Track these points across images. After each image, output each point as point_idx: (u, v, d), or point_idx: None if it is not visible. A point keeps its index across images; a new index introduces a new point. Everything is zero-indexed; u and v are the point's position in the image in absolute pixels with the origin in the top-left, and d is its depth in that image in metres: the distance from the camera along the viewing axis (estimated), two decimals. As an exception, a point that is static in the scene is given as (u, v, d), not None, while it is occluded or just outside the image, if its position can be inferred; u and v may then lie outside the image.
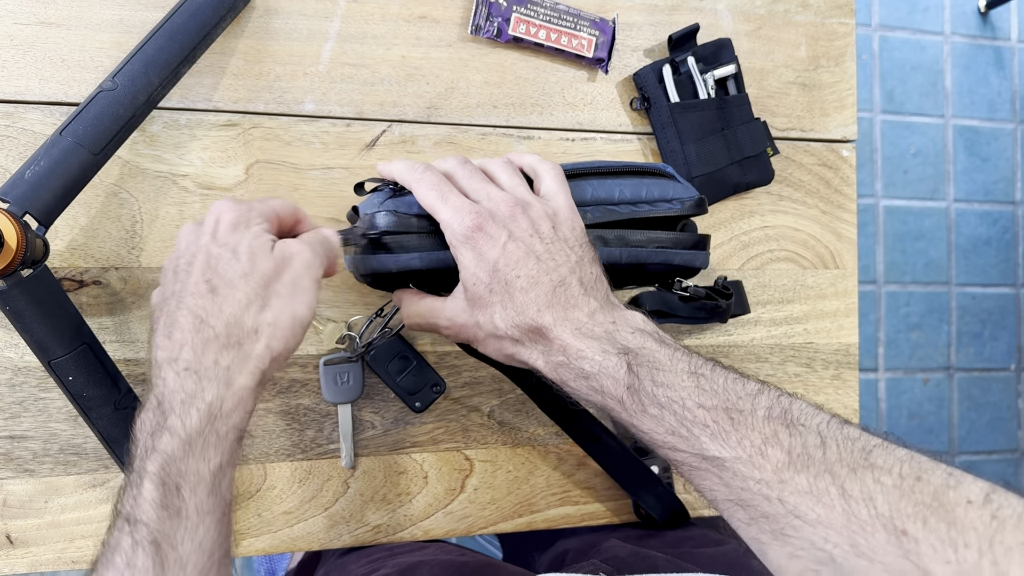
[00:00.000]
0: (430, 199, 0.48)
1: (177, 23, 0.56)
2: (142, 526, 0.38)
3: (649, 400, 0.42)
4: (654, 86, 0.69)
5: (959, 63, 1.90)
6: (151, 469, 0.39)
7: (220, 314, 0.42)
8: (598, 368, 0.44)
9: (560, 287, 0.46)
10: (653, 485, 0.67)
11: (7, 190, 0.49)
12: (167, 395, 0.41)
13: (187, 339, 0.41)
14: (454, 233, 0.47)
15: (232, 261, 0.43)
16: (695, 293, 0.65)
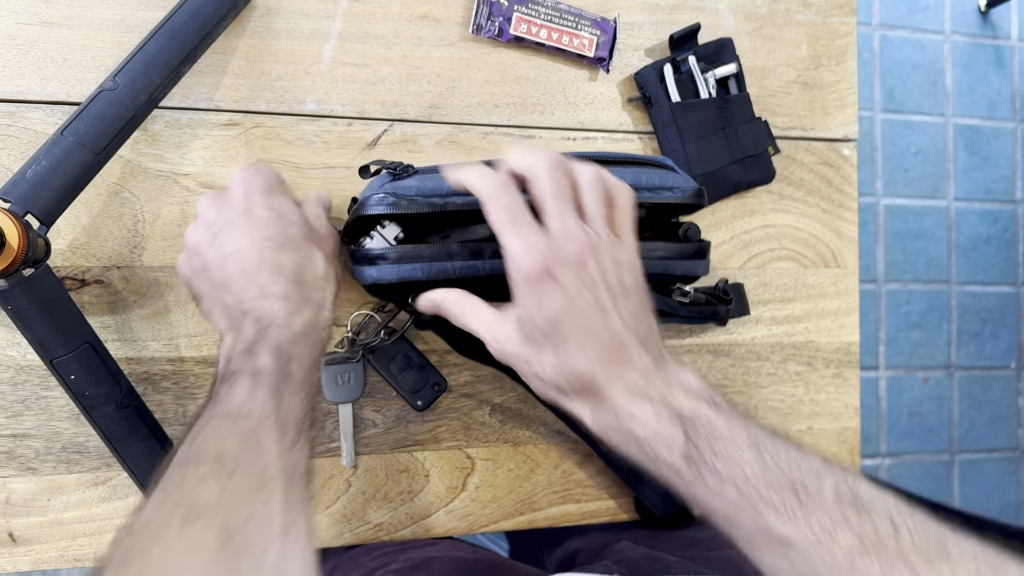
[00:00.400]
0: (500, 223, 0.45)
1: (178, 22, 0.56)
2: (263, 373, 0.43)
3: (708, 471, 0.40)
4: (655, 85, 0.69)
5: (959, 62, 1.90)
6: (267, 345, 0.44)
7: (297, 264, 0.48)
8: (652, 434, 0.42)
9: (617, 343, 0.44)
10: (655, 482, 0.67)
11: (9, 190, 0.49)
12: (266, 315, 0.46)
13: (273, 280, 0.47)
14: (519, 269, 0.44)
15: (289, 224, 0.50)
16: (695, 299, 0.65)
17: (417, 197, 0.51)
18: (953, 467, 1.82)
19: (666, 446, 0.42)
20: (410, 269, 0.52)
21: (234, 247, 0.48)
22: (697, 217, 0.72)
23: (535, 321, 0.44)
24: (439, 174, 0.53)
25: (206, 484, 0.36)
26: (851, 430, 0.77)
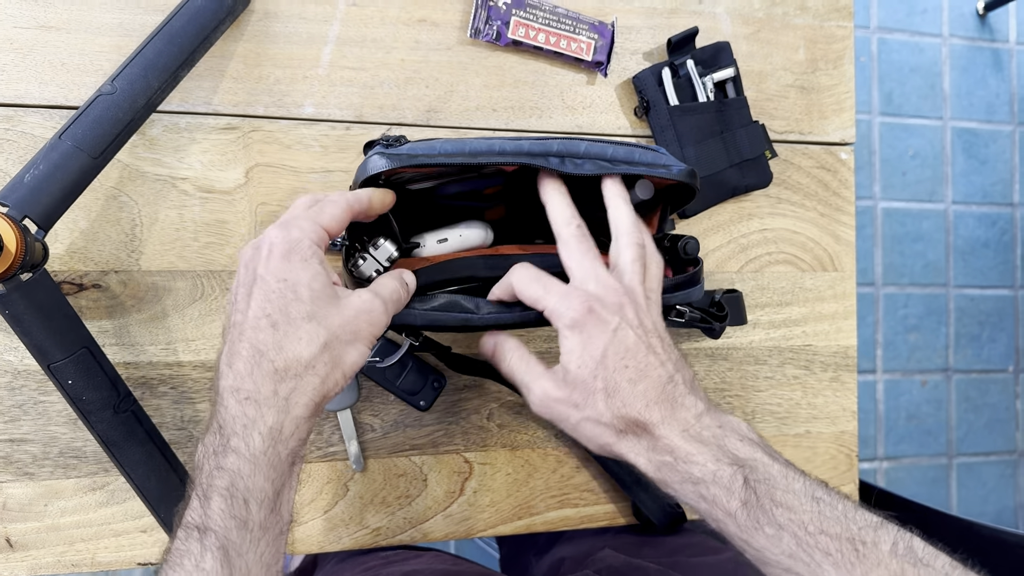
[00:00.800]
0: (532, 292, 0.48)
1: (176, 27, 0.56)
2: (211, 533, 0.39)
3: (766, 519, 0.41)
4: (653, 89, 0.69)
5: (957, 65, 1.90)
6: (220, 484, 0.41)
7: (280, 351, 0.43)
8: (710, 476, 0.43)
9: (669, 383, 0.45)
10: (651, 486, 0.67)
11: (6, 194, 0.49)
12: (228, 420, 0.42)
13: (248, 370, 0.42)
14: (562, 319, 0.46)
15: (293, 300, 0.43)
16: (690, 318, 0.65)
17: (404, 155, 0.51)
18: (951, 470, 1.82)
19: (725, 489, 0.42)
20: (406, 314, 0.52)
21: (238, 316, 0.44)
22: (694, 221, 0.72)
23: (584, 362, 0.45)
24: (432, 141, 0.53)
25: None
26: (849, 433, 0.77)
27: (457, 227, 0.59)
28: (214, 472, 0.41)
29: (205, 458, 0.42)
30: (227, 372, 0.43)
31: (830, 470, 0.76)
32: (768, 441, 0.46)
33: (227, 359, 0.44)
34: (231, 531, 0.40)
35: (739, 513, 0.42)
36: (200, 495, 0.41)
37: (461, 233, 0.59)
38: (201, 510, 0.41)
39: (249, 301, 0.44)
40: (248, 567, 0.40)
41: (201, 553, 0.39)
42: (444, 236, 0.59)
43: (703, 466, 0.43)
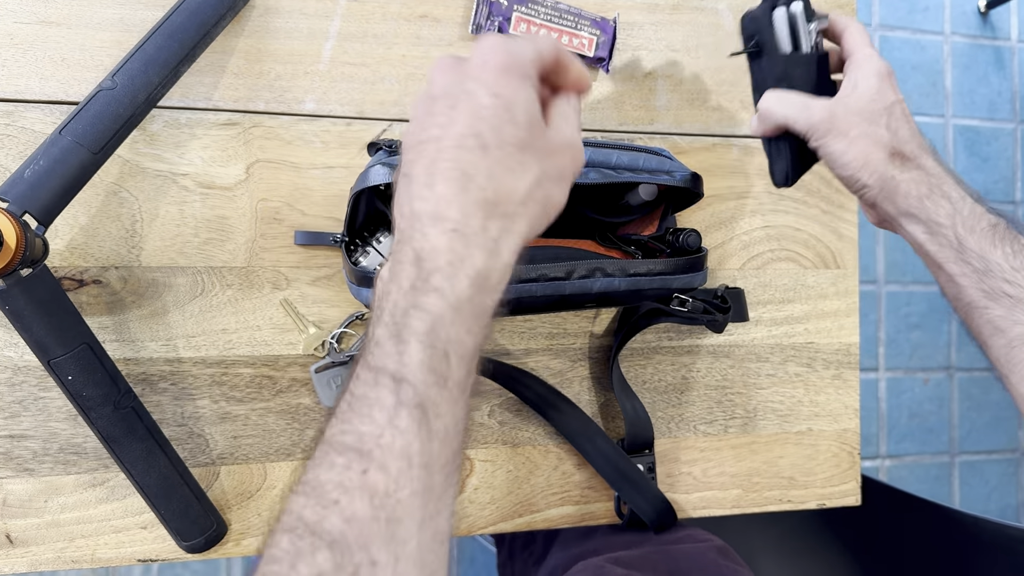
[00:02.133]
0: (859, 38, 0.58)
1: (177, 22, 0.56)
2: (408, 386, 0.33)
3: (1012, 239, 0.49)
4: (767, 30, 0.58)
5: (959, 63, 1.90)
6: (418, 327, 0.34)
7: (492, 177, 0.37)
8: (968, 203, 0.51)
9: (927, 143, 0.55)
10: (642, 484, 0.67)
11: (6, 189, 0.49)
12: (429, 252, 0.36)
13: (454, 196, 0.36)
14: (874, 62, 0.56)
15: (508, 122, 0.38)
16: (693, 308, 0.65)
17: None
18: (953, 468, 1.82)
19: (979, 215, 0.51)
20: None
21: (436, 131, 0.38)
22: (695, 219, 0.72)
23: (877, 100, 0.54)
24: None
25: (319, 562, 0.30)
26: (851, 431, 0.77)
27: None
28: (411, 311, 0.35)
29: (397, 289, 0.36)
30: (425, 193, 0.37)
31: (832, 468, 0.76)
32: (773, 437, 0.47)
33: (425, 179, 0.37)
34: (430, 387, 0.34)
35: (985, 230, 0.50)
36: (392, 334, 0.35)
37: None
38: (396, 354, 0.34)
39: (452, 115, 0.38)
40: (443, 430, 0.34)
41: (396, 408, 0.33)
42: None
43: (961, 193, 0.52)
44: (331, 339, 0.63)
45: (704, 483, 0.73)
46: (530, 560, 0.81)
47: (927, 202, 0.52)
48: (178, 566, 1.35)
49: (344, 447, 0.32)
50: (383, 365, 0.34)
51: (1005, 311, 0.48)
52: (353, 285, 0.54)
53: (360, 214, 0.56)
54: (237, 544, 0.62)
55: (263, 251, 0.63)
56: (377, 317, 0.36)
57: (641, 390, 0.71)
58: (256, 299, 0.62)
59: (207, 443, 0.62)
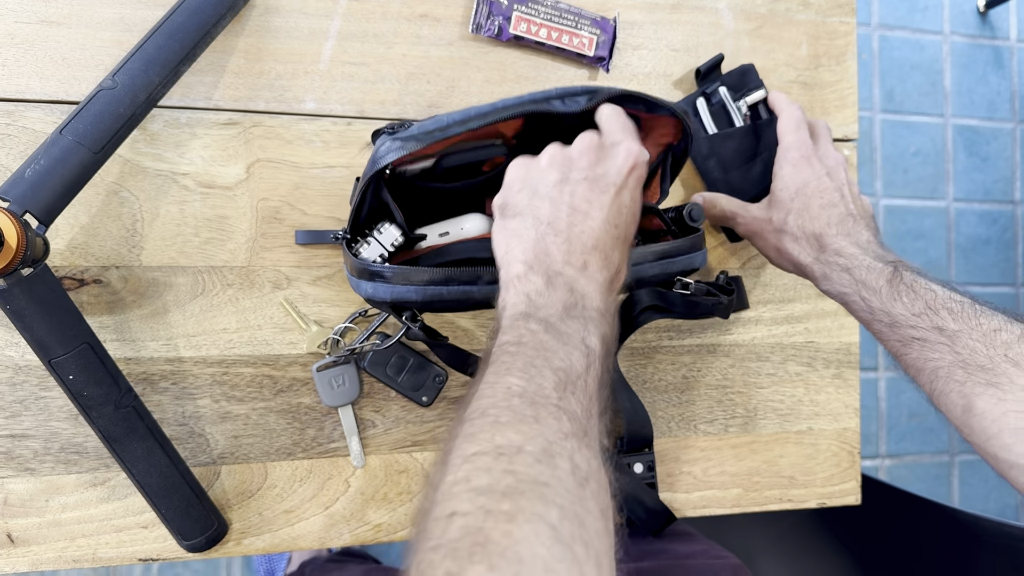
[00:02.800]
0: (790, 113, 0.66)
1: (177, 21, 0.56)
2: (595, 358, 0.43)
3: (906, 290, 0.54)
4: (694, 118, 0.71)
5: (958, 62, 1.90)
6: (594, 331, 0.44)
7: (614, 265, 0.49)
8: (865, 266, 0.57)
9: (849, 218, 0.60)
10: (637, 487, 0.67)
11: (7, 189, 0.49)
12: (584, 294, 0.46)
13: (599, 268, 0.47)
14: (790, 149, 0.64)
15: (631, 223, 0.51)
16: (696, 290, 0.64)
17: (419, 134, 0.51)
18: (953, 468, 1.82)
19: (876, 273, 0.56)
20: (405, 291, 0.51)
21: (594, 214, 0.48)
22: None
23: (787, 185, 0.62)
24: (437, 115, 0.53)
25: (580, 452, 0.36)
26: (851, 431, 0.77)
27: (458, 220, 0.59)
28: (578, 311, 0.45)
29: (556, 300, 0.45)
30: (577, 257, 0.47)
31: (832, 467, 0.76)
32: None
33: (579, 250, 0.47)
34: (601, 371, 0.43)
35: (884, 288, 0.55)
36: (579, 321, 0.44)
37: (463, 226, 0.59)
38: (584, 333, 0.43)
39: (603, 198, 0.48)
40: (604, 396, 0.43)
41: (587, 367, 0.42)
42: (446, 229, 0.59)
43: (860, 260, 0.57)
44: (335, 336, 0.63)
45: (704, 482, 0.73)
46: None
47: (832, 275, 0.59)
48: (179, 565, 1.35)
49: (552, 367, 0.40)
50: (573, 334, 0.43)
51: (917, 353, 0.53)
52: (353, 278, 0.54)
53: (366, 205, 0.56)
54: (238, 543, 0.62)
55: (264, 250, 0.63)
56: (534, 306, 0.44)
57: (641, 389, 0.71)
58: (257, 298, 0.62)
59: (208, 442, 0.62)
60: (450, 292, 0.51)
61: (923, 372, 0.53)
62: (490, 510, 0.30)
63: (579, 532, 0.31)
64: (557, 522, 0.30)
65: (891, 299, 0.55)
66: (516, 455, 0.33)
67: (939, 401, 0.52)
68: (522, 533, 0.29)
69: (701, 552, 0.69)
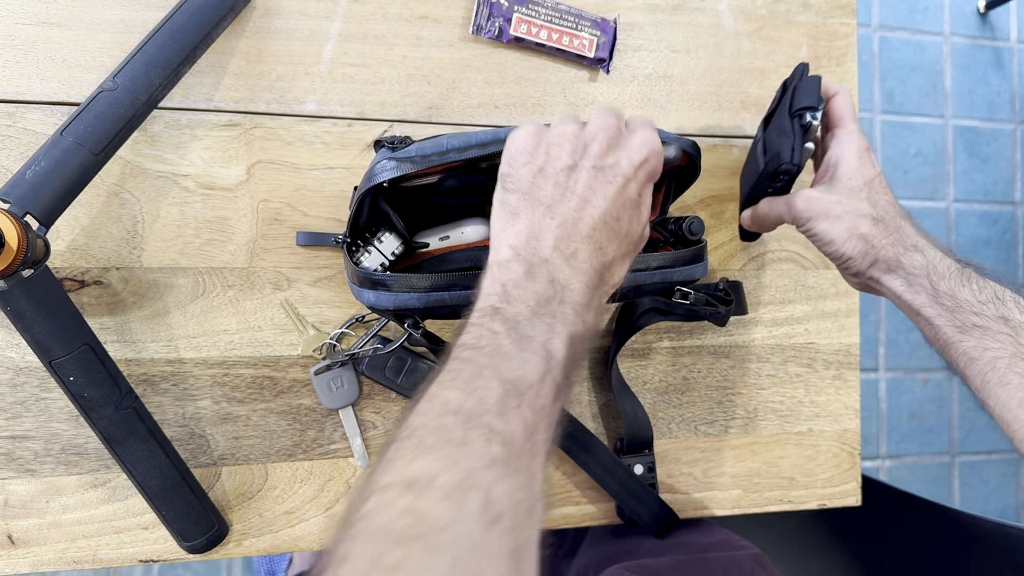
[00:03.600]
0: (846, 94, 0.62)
1: (178, 23, 0.56)
2: (556, 363, 0.40)
3: (976, 278, 0.54)
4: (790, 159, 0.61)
5: (959, 63, 1.90)
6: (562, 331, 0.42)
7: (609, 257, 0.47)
8: (940, 250, 0.56)
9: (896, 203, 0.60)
10: (637, 489, 0.67)
11: (8, 190, 0.49)
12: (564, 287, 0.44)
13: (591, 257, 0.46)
14: (854, 136, 0.61)
15: (638, 222, 0.49)
16: (696, 300, 0.65)
17: (416, 156, 0.51)
18: (953, 469, 1.82)
19: (948, 261, 0.56)
20: (407, 298, 0.51)
21: (596, 203, 0.46)
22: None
23: (856, 177, 0.59)
24: (438, 138, 0.53)
25: (495, 470, 0.34)
26: (851, 432, 0.77)
27: (459, 225, 0.59)
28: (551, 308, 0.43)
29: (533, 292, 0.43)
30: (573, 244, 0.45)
31: (832, 468, 0.76)
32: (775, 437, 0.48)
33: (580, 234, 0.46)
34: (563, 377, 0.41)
35: (953, 273, 0.55)
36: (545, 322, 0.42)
37: (463, 231, 0.59)
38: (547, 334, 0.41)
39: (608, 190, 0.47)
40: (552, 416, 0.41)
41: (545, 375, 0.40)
42: (446, 234, 0.59)
43: (934, 246, 0.57)
44: (331, 340, 0.63)
45: (705, 483, 0.73)
46: (560, 552, 0.81)
47: (903, 258, 0.56)
48: (179, 567, 1.35)
49: (502, 377, 0.38)
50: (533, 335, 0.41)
51: (976, 341, 0.52)
52: (355, 286, 0.54)
53: (363, 213, 0.56)
54: (238, 544, 0.62)
55: (264, 252, 0.63)
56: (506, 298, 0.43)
57: (642, 390, 0.71)
58: (257, 300, 0.62)
59: (208, 444, 0.62)
60: (452, 297, 0.51)
61: (977, 362, 0.52)
62: (376, 560, 0.29)
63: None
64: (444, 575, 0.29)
65: (959, 284, 0.54)
66: (425, 490, 0.31)
67: (989, 393, 0.51)
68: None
69: (720, 543, 0.69)
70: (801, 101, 0.58)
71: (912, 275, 0.56)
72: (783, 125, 0.59)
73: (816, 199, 0.59)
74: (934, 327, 0.56)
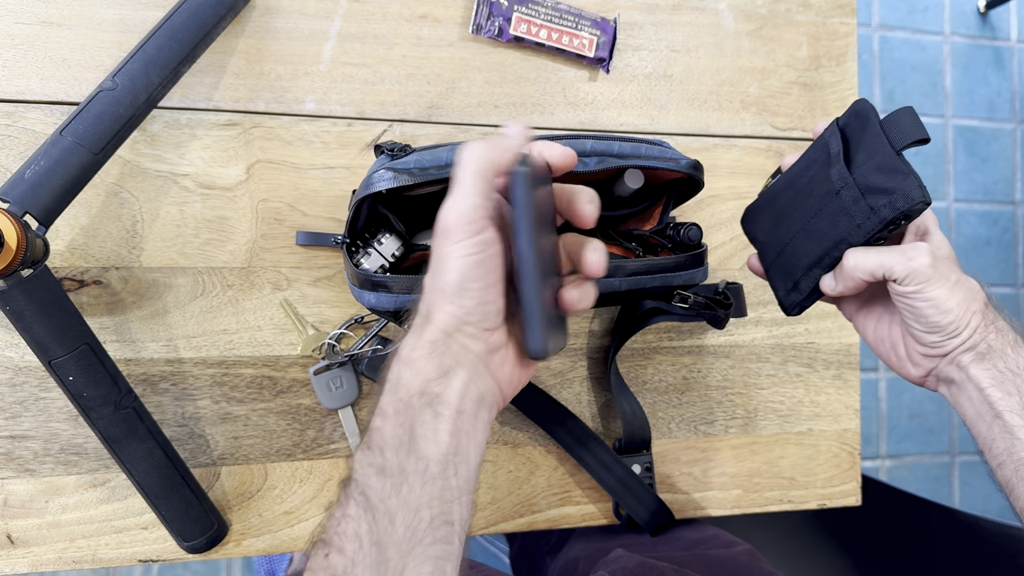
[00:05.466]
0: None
1: (177, 22, 0.56)
2: (353, 481, 0.39)
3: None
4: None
5: (959, 63, 1.90)
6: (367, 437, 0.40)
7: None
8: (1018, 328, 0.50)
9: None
10: (636, 487, 0.67)
11: (7, 190, 0.49)
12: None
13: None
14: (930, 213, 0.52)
15: None
16: (695, 304, 0.65)
17: (414, 169, 0.51)
18: (953, 468, 1.82)
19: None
20: (408, 299, 0.51)
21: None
22: (697, 218, 0.72)
23: (946, 254, 0.51)
24: (438, 149, 0.53)
25: None
26: (851, 431, 0.77)
27: None
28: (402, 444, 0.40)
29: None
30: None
31: (832, 468, 0.76)
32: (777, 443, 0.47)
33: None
34: (370, 478, 0.39)
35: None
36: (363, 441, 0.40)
37: None
38: (351, 458, 0.40)
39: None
40: (391, 513, 0.38)
41: (345, 500, 0.39)
42: None
43: (1014, 322, 0.50)
44: (330, 340, 0.63)
45: (705, 483, 0.73)
46: (545, 549, 0.82)
47: (1011, 352, 0.49)
48: (178, 566, 1.35)
49: (320, 540, 0.38)
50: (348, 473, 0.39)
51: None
52: (355, 287, 0.54)
53: (362, 217, 0.56)
54: (238, 544, 0.62)
55: (264, 251, 0.63)
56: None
57: (641, 390, 0.71)
58: (257, 299, 0.62)
59: (208, 443, 0.62)
60: None
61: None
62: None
63: None
64: None
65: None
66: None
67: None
68: None
69: (712, 538, 0.69)
70: (910, 135, 0.49)
71: (1012, 374, 0.49)
72: (892, 164, 0.49)
73: (935, 257, 0.49)
74: (1015, 438, 0.48)
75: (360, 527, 0.37)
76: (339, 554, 0.37)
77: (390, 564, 0.37)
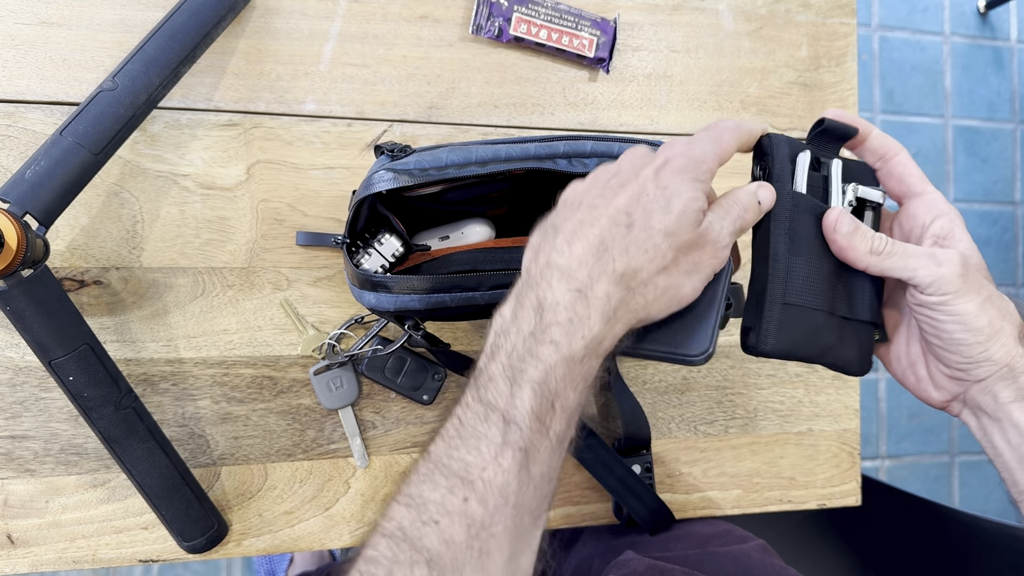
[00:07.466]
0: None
1: (178, 23, 0.56)
2: (516, 429, 0.37)
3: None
4: (783, 161, 0.47)
5: (959, 63, 1.90)
6: (533, 375, 0.37)
7: (625, 252, 0.39)
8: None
9: None
10: (637, 487, 0.67)
11: (7, 190, 0.49)
12: (552, 304, 0.39)
13: (587, 259, 0.39)
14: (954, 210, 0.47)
15: (662, 211, 0.40)
16: None
17: (414, 169, 0.51)
18: (953, 468, 1.82)
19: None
20: (408, 300, 0.51)
21: (592, 199, 0.41)
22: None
23: (976, 264, 0.45)
24: (438, 150, 0.53)
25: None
26: (851, 432, 0.77)
27: (459, 225, 0.59)
28: (527, 357, 0.38)
29: (516, 332, 0.39)
30: (564, 248, 0.40)
31: (832, 468, 0.76)
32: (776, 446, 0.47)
33: (569, 236, 0.40)
34: (535, 433, 0.37)
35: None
36: (508, 376, 0.38)
37: (463, 231, 0.59)
38: (509, 396, 0.37)
39: (618, 192, 0.41)
40: (540, 477, 0.37)
41: (502, 447, 0.36)
42: (446, 234, 0.59)
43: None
44: (330, 341, 0.63)
45: (704, 483, 0.73)
46: (556, 544, 0.81)
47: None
48: (179, 566, 1.35)
49: (450, 471, 0.36)
50: (495, 402, 0.37)
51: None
52: (355, 287, 0.54)
53: (362, 217, 0.56)
54: (238, 544, 0.62)
55: (264, 252, 0.63)
56: (492, 352, 0.39)
57: (641, 390, 0.71)
58: (257, 299, 0.62)
59: (208, 443, 0.62)
60: (453, 299, 0.51)
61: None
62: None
63: None
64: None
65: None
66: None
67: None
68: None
69: (724, 533, 0.68)
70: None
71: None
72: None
73: (965, 265, 0.44)
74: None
75: (510, 484, 0.36)
76: (480, 504, 0.35)
77: (521, 533, 0.36)
